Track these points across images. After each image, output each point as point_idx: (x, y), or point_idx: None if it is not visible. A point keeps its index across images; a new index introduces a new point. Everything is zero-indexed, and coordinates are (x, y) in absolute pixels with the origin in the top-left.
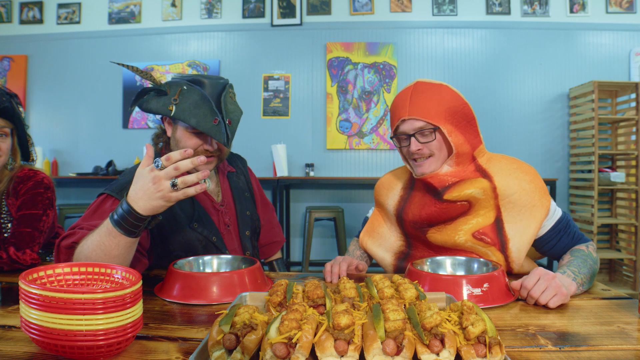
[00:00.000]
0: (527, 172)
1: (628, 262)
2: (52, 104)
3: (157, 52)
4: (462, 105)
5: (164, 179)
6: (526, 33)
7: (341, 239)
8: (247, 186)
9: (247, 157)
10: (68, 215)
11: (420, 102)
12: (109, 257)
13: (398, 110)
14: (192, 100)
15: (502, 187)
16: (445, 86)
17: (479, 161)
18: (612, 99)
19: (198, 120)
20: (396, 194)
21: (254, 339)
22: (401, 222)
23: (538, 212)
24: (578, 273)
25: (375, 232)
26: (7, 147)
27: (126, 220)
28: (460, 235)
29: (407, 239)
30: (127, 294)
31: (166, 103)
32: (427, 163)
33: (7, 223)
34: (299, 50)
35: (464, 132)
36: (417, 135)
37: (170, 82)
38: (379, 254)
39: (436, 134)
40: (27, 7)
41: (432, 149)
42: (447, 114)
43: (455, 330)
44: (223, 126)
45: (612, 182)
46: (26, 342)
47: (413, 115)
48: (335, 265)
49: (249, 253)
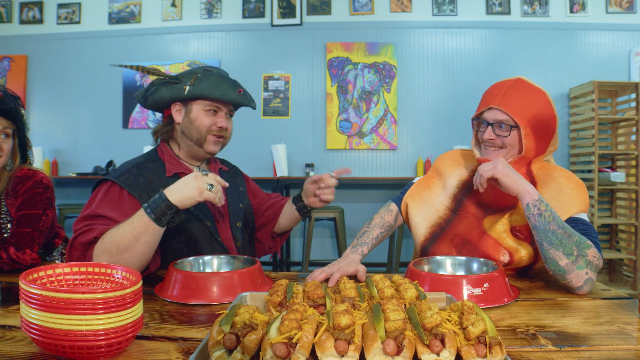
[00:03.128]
0: (572, 181)
1: (628, 262)
2: (52, 104)
3: (157, 52)
4: (549, 116)
5: (204, 178)
6: (526, 33)
7: (341, 239)
8: (242, 182)
9: (247, 157)
10: (68, 215)
11: (513, 98)
12: (140, 242)
13: (490, 97)
14: (212, 80)
15: (541, 190)
16: (543, 93)
17: (531, 167)
18: (612, 99)
19: (223, 92)
20: (463, 173)
21: (254, 339)
22: (461, 197)
23: (571, 209)
24: (553, 211)
25: (423, 193)
26: (9, 148)
27: (157, 207)
28: (499, 226)
29: (455, 211)
30: (127, 294)
31: (181, 87)
32: (496, 154)
33: (7, 223)
34: (299, 50)
35: (538, 140)
36: (494, 126)
37: (182, 73)
38: (417, 218)
39: (513, 131)
40: (27, 7)
41: (505, 142)
42: (532, 117)
43: (455, 330)
44: (247, 94)
45: (612, 182)
46: (26, 342)
47: (501, 106)
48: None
49: (240, 244)
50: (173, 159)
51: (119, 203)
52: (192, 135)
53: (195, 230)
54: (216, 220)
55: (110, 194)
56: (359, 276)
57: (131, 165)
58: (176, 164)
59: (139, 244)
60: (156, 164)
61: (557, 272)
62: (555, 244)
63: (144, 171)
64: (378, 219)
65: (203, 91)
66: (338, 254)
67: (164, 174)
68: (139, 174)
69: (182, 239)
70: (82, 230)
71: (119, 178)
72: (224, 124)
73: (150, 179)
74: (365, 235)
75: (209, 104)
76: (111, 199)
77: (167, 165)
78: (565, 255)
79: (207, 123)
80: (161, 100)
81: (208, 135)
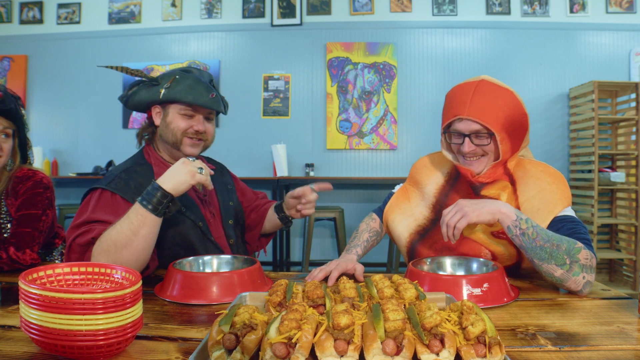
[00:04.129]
0: (549, 175)
1: (628, 262)
2: (52, 104)
3: (157, 52)
4: (520, 116)
5: (193, 163)
6: (526, 33)
7: (341, 239)
8: (230, 181)
9: (247, 157)
10: (68, 215)
11: (482, 104)
12: (138, 236)
13: (457, 105)
14: (186, 84)
15: (521, 189)
16: (510, 92)
17: (507, 165)
18: (612, 99)
19: (195, 96)
20: (439, 179)
21: (253, 339)
22: (440, 205)
23: (555, 208)
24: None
25: (401, 205)
26: (9, 148)
27: (153, 197)
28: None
29: (434, 221)
30: (127, 294)
31: (157, 91)
32: (478, 162)
33: (7, 223)
34: (299, 50)
35: (513, 140)
36: (472, 137)
37: (162, 74)
38: (397, 229)
39: (491, 138)
40: (27, 7)
41: (485, 150)
42: (505, 121)
43: (455, 330)
44: (220, 99)
45: (612, 182)
46: (26, 342)
47: (472, 116)
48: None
49: (233, 241)
50: (160, 162)
51: (113, 206)
52: (169, 139)
53: (188, 232)
54: (207, 220)
55: (102, 199)
56: (357, 275)
57: (119, 170)
58: (163, 166)
59: (138, 239)
60: (144, 168)
61: (554, 282)
62: (546, 259)
63: (133, 175)
64: (364, 225)
65: (177, 95)
66: (338, 254)
67: (153, 177)
68: (129, 178)
69: (178, 241)
70: (79, 232)
71: (110, 184)
72: (200, 128)
73: (141, 182)
74: (356, 239)
75: (184, 108)
76: (104, 205)
77: (154, 168)
78: (558, 266)
79: (183, 126)
80: (140, 102)
81: (184, 138)
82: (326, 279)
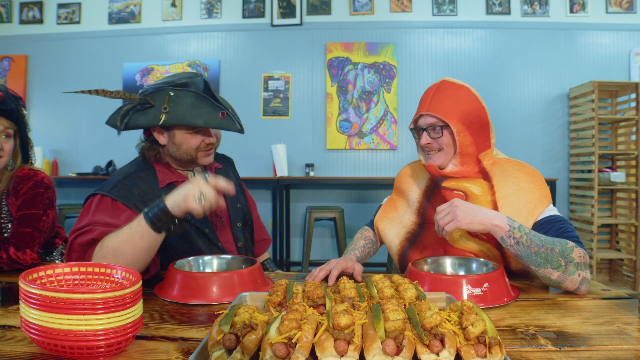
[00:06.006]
0: (527, 173)
1: (628, 262)
2: (52, 104)
3: (157, 52)
4: (478, 109)
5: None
6: (526, 33)
7: (341, 239)
8: (237, 181)
9: (247, 157)
10: (68, 215)
11: (439, 100)
12: (136, 249)
13: (420, 105)
14: (188, 103)
15: (499, 186)
16: (466, 88)
17: (483, 164)
18: (612, 99)
19: (206, 120)
20: (422, 184)
21: (253, 339)
22: (424, 210)
23: (536, 209)
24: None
25: (390, 214)
26: (10, 148)
27: (155, 213)
28: (455, 234)
29: (421, 225)
30: (127, 294)
31: (156, 114)
32: (436, 156)
33: (7, 223)
34: (299, 50)
35: (475, 134)
36: (428, 130)
37: (151, 92)
38: (388, 236)
39: (445, 131)
40: (27, 7)
41: (441, 144)
42: (461, 114)
43: (455, 330)
44: (232, 117)
45: (612, 182)
46: (26, 342)
47: (430, 111)
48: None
49: (241, 244)
50: (165, 168)
51: (114, 211)
52: (183, 158)
53: (195, 239)
54: (214, 225)
55: (103, 204)
56: (355, 275)
57: (122, 175)
58: (169, 173)
59: (136, 251)
60: (149, 173)
61: (551, 284)
62: (542, 264)
63: (137, 181)
64: (359, 235)
65: (183, 120)
66: (338, 254)
67: (157, 182)
68: (132, 184)
69: (185, 248)
70: (80, 233)
71: (111, 191)
72: (212, 140)
73: (145, 189)
74: (352, 245)
75: (191, 127)
76: (105, 209)
77: (159, 175)
78: (554, 269)
79: (195, 144)
80: (138, 128)
81: (199, 153)
82: (326, 278)
